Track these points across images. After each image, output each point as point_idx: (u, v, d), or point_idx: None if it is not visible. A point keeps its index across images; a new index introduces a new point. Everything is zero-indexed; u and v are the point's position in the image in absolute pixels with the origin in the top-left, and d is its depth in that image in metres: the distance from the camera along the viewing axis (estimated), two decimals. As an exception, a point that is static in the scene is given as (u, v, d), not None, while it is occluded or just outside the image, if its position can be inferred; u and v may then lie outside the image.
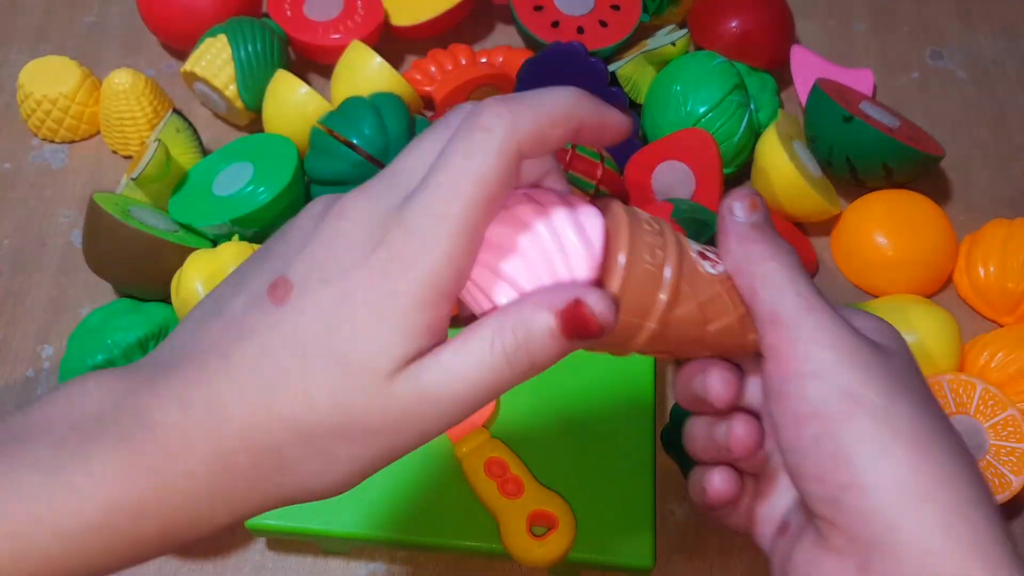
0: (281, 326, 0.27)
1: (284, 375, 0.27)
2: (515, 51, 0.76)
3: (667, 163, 0.67)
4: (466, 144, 0.27)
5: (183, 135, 0.68)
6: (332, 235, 0.28)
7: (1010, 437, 0.57)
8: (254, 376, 0.27)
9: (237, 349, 0.28)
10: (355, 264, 0.27)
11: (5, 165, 0.72)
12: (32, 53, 0.78)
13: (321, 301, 0.27)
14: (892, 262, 0.66)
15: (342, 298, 0.27)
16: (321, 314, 0.27)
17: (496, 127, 0.27)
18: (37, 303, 0.66)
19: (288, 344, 0.27)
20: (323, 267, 0.28)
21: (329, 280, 0.27)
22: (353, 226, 0.28)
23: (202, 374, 0.28)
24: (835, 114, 0.67)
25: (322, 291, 0.27)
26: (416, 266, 0.27)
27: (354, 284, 0.27)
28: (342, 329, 0.27)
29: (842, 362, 0.30)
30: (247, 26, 0.70)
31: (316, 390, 0.27)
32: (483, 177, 0.27)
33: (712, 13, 0.75)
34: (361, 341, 0.27)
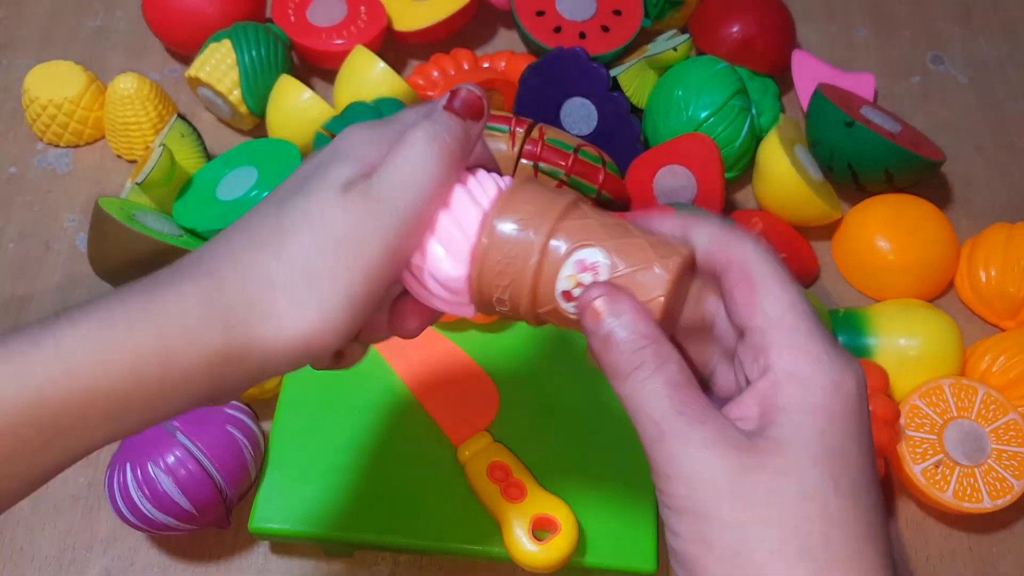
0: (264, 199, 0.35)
1: (280, 203, 0.33)
2: (517, 56, 0.76)
3: (669, 168, 0.67)
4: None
5: (187, 140, 0.69)
6: (344, 142, 0.35)
7: (1011, 441, 0.57)
8: (259, 210, 0.34)
9: (262, 210, 0.34)
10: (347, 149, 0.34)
11: (11, 169, 0.73)
12: (37, 58, 0.79)
13: (307, 167, 0.35)
14: (894, 266, 0.66)
15: (326, 159, 0.34)
16: (307, 168, 0.34)
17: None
18: (42, 306, 0.66)
19: (284, 188, 0.34)
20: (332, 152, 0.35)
21: (324, 158, 0.34)
22: (359, 140, 0.34)
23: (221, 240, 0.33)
24: (836, 119, 0.67)
25: (314, 159, 0.35)
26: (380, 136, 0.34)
27: (330, 153, 0.34)
28: (304, 170, 0.34)
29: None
30: (251, 31, 0.71)
31: (288, 215, 0.32)
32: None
33: (714, 18, 0.76)
34: (319, 174, 0.33)
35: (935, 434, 0.58)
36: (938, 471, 0.57)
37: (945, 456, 0.57)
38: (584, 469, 0.54)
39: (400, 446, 0.55)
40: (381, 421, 0.56)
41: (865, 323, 0.62)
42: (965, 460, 0.57)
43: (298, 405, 0.56)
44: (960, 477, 0.57)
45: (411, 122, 0.34)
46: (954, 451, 0.57)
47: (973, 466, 0.57)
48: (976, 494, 0.56)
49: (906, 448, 0.57)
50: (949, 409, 0.58)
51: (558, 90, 0.70)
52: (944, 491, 0.56)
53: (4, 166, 0.73)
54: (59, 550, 0.56)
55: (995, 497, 0.56)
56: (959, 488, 0.56)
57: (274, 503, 0.53)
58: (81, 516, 0.57)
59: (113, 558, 0.56)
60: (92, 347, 0.28)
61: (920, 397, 0.59)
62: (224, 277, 0.31)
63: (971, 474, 0.57)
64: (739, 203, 0.73)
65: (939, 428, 0.58)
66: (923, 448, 0.57)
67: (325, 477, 0.53)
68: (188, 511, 0.51)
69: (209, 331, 0.30)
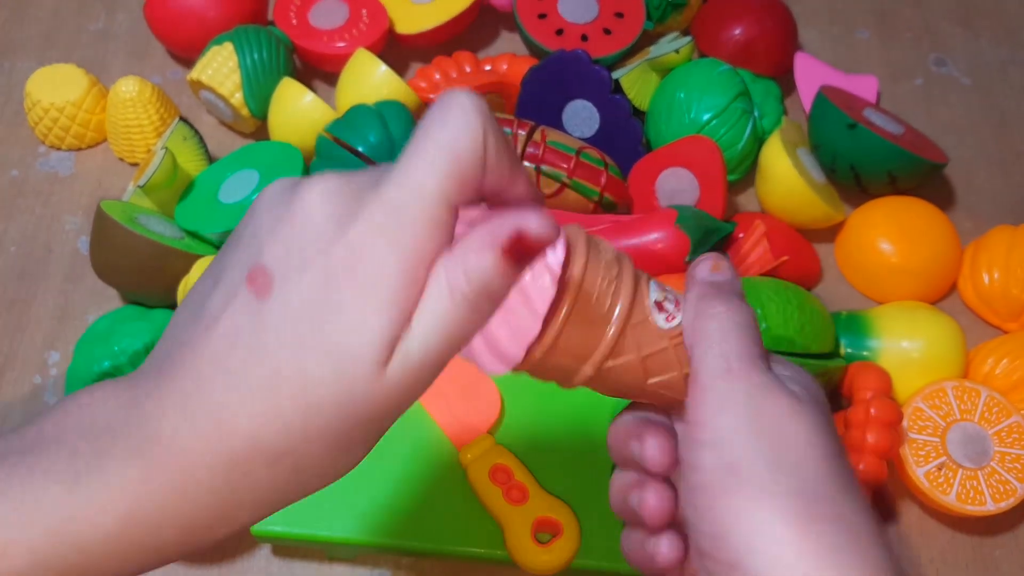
0: (267, 322, 0.26)
1: (280, 376, 0.26)
2: (519, 59, 0.76)
3: (671, 170, 0.67)
4: (439, 121, 0.27)
5: (189, 143, 0.69)
6: (305, 212, 0.27)
7: (1015, 444, 0.57)
8: (250, 380, 0.26)
9: (227, 352, 0.26)
10: (333, 241, 0.26)
11: (12, 172, 0.73)
12: (39, 61, 0.79)
13: (304, 289, 0.26)
14: (896, 269, 0.66)
15: (325, 282, 0.26)
16: (306, 303, 0.26)
17: (469, 106, 0.27)
18: (44, 310, 0.66)
19: (279, 341, 0.26)
20: (301, 249, 0.26)
21: (309, 263, 0.26)
22: (326, 201, 0.27)
23: (198, 383, 0.27)
24: (839, 121, 0.67)
25: (303, 277, 0.26)
26: (400, 239, 0.26)
27: (335, 264, 0.26)
28: (331, 317, 0.26)
29: (738, 431, 0.30)
30: (253, 34, 0.71)
31: (316, 388, 0.26)
32: (457, 150, 0.26)
33: (716, 20, 0.76)
34: (353, 329, 0.26)
35: (938, 436, 0.58)
36: (941, 473, 0.57)
37: (948, 459, 0.57)
38: (587, 471, 0.54)
39: (402, 449, 0.55)
40: (383, 424, 0.55)
41: (868, 325, 0.62)
42: (968, 463, 0.57)
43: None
44: (963, 479, 0.56)
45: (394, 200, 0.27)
46: (957, 454, 0.57)
47: (976, 468, 0.57)
48: (979, 497, 0.56)
49: (909, 451, 0.57)
50: (952, 412, 0.58)
51: (560, 93, 0.70)
52: (947, 494, 0.56)
53: (6, 169, 0.73)
54: (61, 553, 0.56)
55: (998, 500, 0.56)
56: (962, 491, 0.56)
57: (276, 506, 0.52)
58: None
59: (115, 561, 0.56)
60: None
61: (923, 399, 0.59)
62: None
63: (974, 476, 0.56)
64: (742, 205, 0.73)
65: (942, 431, 0.58)
66: (926, 451, 0.57)
67: (327, 480, 0.53)
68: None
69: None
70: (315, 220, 0.26)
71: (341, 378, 0.26)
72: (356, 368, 0.26)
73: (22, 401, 0.62)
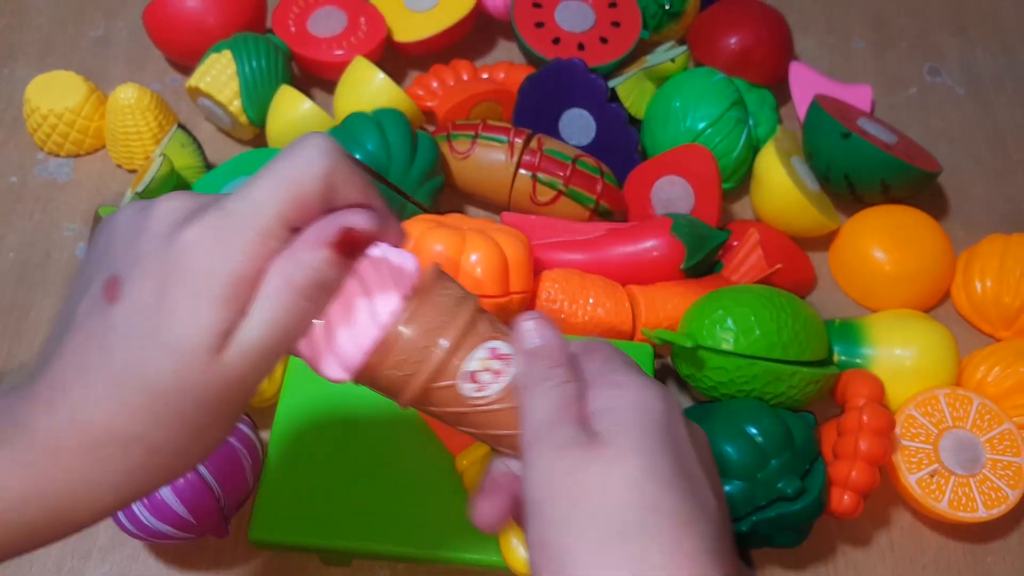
0: (115, 324, 0.30)
1: (126, 370, 0.30)
2: (516, 67, 0.77)
3: (666, 178, 0.67)
4: (287, 156, 0.31)
5: (188, 150, 0.69)
6: (151, 224, 0.31)
7: (1006, 451, 0.58)
8: (101, 376, 0.30)
9: (84, 354, 0.30)
10: (169, 244, 0.30)
11: (11, 178, 0.73)
12: (38, 68, 0.79)
13: (145, 290, 0.30)
14: (890, 277, 0.67)
15: (162, 282, 0.29)
16: (147, 304, 0.29)
17: (316, 145, 0.31)
18: (42, 315, 0.66)
19: (125, 339, 0.30)
20: (145, 255, 0.30)
21: (149, 270, 0.30)
22: (169, 212, 0.31)
23: (61, 383, 0.30)
24: (833, 130, 0.67)
25: (145, 283, 0.30)
26: (233, 242, 0.29)
27: (171, 264, 0.29)
28: (167, 314, 0.29)
29: (548, 501, 0.31)
30: (251, 42, 0.71)
31: (158, 378, 0.29)
32: (296, 179, 0.30)
33: (711, 30, 0.76)
34: (185, 322, 0.29)
35: (930, 444, 0.58)
36: (933, 480, 0.57)
37: (940, 466, 0.57)
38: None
39: (398, 455, 0.55)
40: (379, 430, 0.56)
41: (861, 333, 0.63)
42: (960, 470, 0.57)
43: (296, 414, 0.56)
44: (955, 486, 0.57)
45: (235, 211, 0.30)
46: (949, 461, 0.57)
47: (968, 476, 0.57)
48: (971, 503, 0.56)
49: (901, 458, 0.58)
50: (944, 419, 0.59)
51: (557, 101, 0.71)
52: (939, 500, 0.57)
53: (5, 175, 0.73)
54: (58, 558, 0.56)
55: (990, 507, 0.56)
56: (954, 497, 0.57)
57: (273, 512, 0.53)
58: (80, 524, 0.58)
59: (112, 566, 0.56)
60: None
61: (915, 407, 0.59)
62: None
63: (966, 484, 0.57)
64: (736, 214, 0.73)
65: (934, 438, 0.58)
66: (918, 458, 0.58)
67: (324, 486, 0.54)
68: (186, 519, 0.51)
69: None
70: (156, 230, 0.30)
71: (178, 368, 0.29)
72: (190, 357, 0.29)
73: (20, 406, 0.62)
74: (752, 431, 0.53)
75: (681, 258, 0.62)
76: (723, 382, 0.56)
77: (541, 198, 0.67)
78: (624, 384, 0.33)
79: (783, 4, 0.87)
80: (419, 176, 0.64)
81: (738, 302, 0.57)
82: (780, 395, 0.56)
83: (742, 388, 0.56)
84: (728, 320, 0.56)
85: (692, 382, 0.59)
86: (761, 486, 0.52)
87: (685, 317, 0.59)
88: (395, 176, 0.63)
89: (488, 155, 0.68)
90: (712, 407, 0.56)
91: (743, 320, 0.56)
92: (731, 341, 0.55)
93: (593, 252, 0.64)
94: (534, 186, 0.67)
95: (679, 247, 0.62)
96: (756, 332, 0.55)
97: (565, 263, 0.64)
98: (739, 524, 0.53)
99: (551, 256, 0.64)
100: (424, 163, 0.64)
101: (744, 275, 0.64)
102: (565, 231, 0.66)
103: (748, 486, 0.52)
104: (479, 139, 0.68)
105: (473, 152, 0.68)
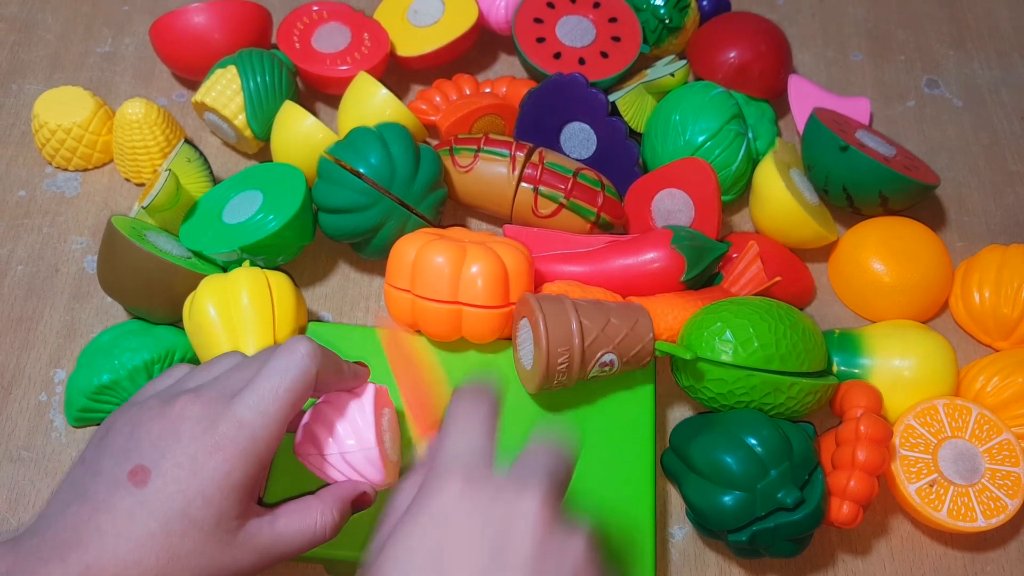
0: (147, 503, 0.38)
1: (152, 539, 0.38)
2: (518, 81, 0.77)
3: (666, 191, 0.68)
4: (284, 362, 0.42)
5: (194, 164, 0.70)
6: (176, 428, 0.40)
7: (1005, 461, 0.58)
8: (125, 542, 0.37)
9: (108, 522, 0.38)
10: (198, 443, 0.40)
11: (20, 193, 0.74)
12: (47, 83, 0.80)
13: (178, 481, 0.39)
14: (889, 288, 0.67)
15: (191, 476, 0.39)
16: (178, 492, 0.39)
17: (303, 351, 0.43)
18: (50, 328, 0.67)
19: (153, 516, 0.38)
20: (174, 453, 0.39)
21: (181, 464, 0.39)
22: (192, 420, 0.40)
23: (79, 545, 0.37)
24: (831, 144, 0.68)
25: (176, 473, 0.39)
26: (247, 451, 0.40)
27: (200, 464, 0.39)
28: (195, 502, 0.39)
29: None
30: (256, 57, 0.72)
31: (180, 548, 0.38)
32: (293, 388, 0.42)
33: (711, 44, 0.77)
34: (212, 509, 0.39)
35: (929, 454, 0.58)
36: (932, 490, 0.57)
37: (939, 475, 0.58)
38: (582, 490, 0.55)
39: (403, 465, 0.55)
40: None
41: (860, 344, 0.63)
42: (959, 479, 0.58)
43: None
44: (954, 496, 0.57)
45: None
46: (948, 470, 0.58)
47: (967, 485, 0.57)
48: (970, 513, 0.57)
49: (900, 467, 0.58)
50: (943, 429, 0.59)
51: (558, 115, 0.72)
52: (938, 510, 0.57)
53: (13, 189, 0.74)
54: (65, 568, 0.57)
55: (989, 516, 0.57)
56: (953, 507, 0.57)
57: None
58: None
59: None
60: None
61: (914, 417, 0.60)
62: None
63: (965, 493, 0.57)
64: (736, 226, 0.74)
65: (933, 448, 0.59)
66: (917, 467, 0.58)
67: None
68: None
69: None
70: (185, 434, 0.40)
71: (199, 540, 0.39)
72: (213, 534, 0.39)
73: (27, 419, 0.63)
74: (751, 442, 0.53)
75: (681, 270, 0.63)
76: (722, 393, 0.57)
77: (543, 211, 0.68)
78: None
79: (782, 18, 0.88)
80: (422, 189, 0.65)
81: (737, 314, 0.57)
82: (779, 406, 0.57)
83: (741, 399, 0.57)
84: (727, 332, 0.56)
85: (692, 393, 0.59)
86: (760, 496, 0.52)
87: (684, 329, 0.59)
88: (398, 189, 0.64)
89: (490, 169, 0.69)
90: (712, 418, 0.57)
91: (742, 332, 0.56)
92: (730, 353, 0.56)
93: (594, 264, 0.65)
94: (536, 199, 0.68)
95: (679, 259, 0.63)
96: (755, 344, 0.56)
97: (566, 275, 0.65)
98: (738, 534, 0.53)
99: (552, 268, 0.65)
100: (427, 176, 0.65)
101: (744, 287, 0.65)
102: (566, 243, 0.67)
103: (747, 496, 0.52)
104: (481, 153, 0.69)
105: (475, 166, 0.69)
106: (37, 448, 0.62)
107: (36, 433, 0.62)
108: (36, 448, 0.62)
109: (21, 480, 0.60)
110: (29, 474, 0.60)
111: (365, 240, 0.66)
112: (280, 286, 0.61)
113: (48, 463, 0.61)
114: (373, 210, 0.64)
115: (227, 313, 0.59)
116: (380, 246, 0.66)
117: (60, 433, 0.62)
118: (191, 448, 0.39)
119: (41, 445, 0.62)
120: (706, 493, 0.54)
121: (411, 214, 0.65)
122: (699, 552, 0.59)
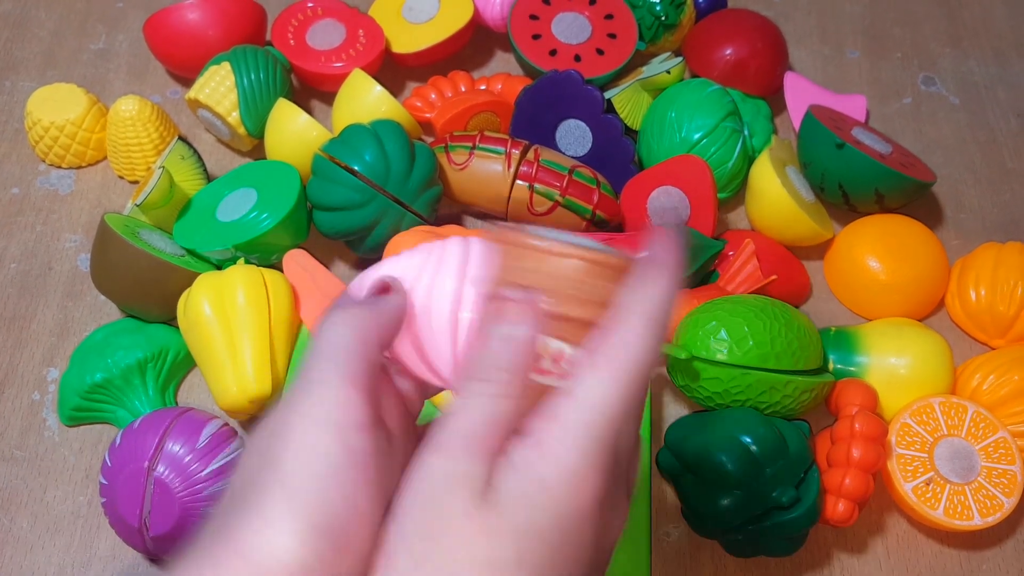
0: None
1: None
2: (513, 78, 0.77)
3: (662, 188, 0.68)
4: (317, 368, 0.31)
5: (188, 162, 0.70)
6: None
7: (1001, 459, 0.58)
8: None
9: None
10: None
11: (13, 190, 0.74)
12: (40, 80, 0.80)
13: None
14: (885, 286, 0.67)
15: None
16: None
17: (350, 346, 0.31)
18: (43, 327, 0.67)
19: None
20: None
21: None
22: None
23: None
24: (827, 141, 0.68)
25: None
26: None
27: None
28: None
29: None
30: (250, 54, 0.72)
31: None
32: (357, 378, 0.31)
33: (707, 41, 0.77)
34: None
35: (925, 452, 0.58)
36: (929, 489, 0.57)
37: (935, 474, 0.58)
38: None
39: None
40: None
41: (856, 342, 0.63)
42: (955, 478, 0.58)
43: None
44: (950, 495, 0.57)
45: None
46: (944, 469, 0.58)
47: (963, 484, 0.57)
48: (966, 511, 0.57)
49: (897, 466, 0.58)
50: (939, 427, 0.59)
51: (553, 112, 0.71)
52: (935, 508, 0.57)
53: (7, 187, 0.74)
54: (58, 568, 0.57)
55: (985, 514, 0.57)
56: (949, 505, 0.57)
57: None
58: (80, 534, 0.58)
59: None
60: None
61: (910, 415, 0.60)
62: None
63: (961, 492, 0.57)
64: (732, 223, 0.74)
65: (929, 446, 0.58)
66: (914, 466, 0.58)
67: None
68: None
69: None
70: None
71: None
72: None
73: (20, 418, 0.62)
74: (747, 440, 0.53)
75: (677, 268, 0.63)
76: (718, 392, 0.57)
77: (538, 208, 0.68)
78: (552, 454, 0.29)
79: (778, 15, 0.88)
80: (417, 186, 0.65)
81: (732, 313, 0.57)
82: (775, 404, 0.57)
83: (737, 398, 0.57)
84: (722, 331, 0.56)
85: (687, 392, 0.59)
86: (756, 495, 0.52)
87: (680, 328, 0.59)
88: (393, 187, 0.64)
89: (485, 166, 0.68)
90: (707, 417, 0.57)
91: (736, 331, 0.56)
92: (725, 352, 0.56)
93: (590, 262, 0.65)
94: (531, 197, 0.68)
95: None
96: (750, 343, 0.56)
97: (562, 273, 0.64)
98: (734, 533, 0.53)
99: (548, 266, 0.65)
100: (422, 173, 0.65)
101: (740, 285, 0.65)
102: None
103: (743, 495, 0.52)
104: (476, 150, 0.68)
105: (471, 163, 0.68)
106: (30, 447, 0.61)
107: (29, 432, 0.62)
108: (29, 447, 0.61)
109: (14, 479, 0.60)
110: (22, 473, 0.60)
111: (360, 238, 0.66)
112: (276, 284, 0.61)
113: (41, 462, 0.61)
114: (368, 208, 0.64)
115: (222, 311, 0.59)
116: (375, 244, 0.65)
117: (53, 432, 0.62)
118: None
119: (34, 444, 0.61)
120: (701, 492, 0.54)
121: (406, 212, 0.65)
122: (694, 551, 0.59)
